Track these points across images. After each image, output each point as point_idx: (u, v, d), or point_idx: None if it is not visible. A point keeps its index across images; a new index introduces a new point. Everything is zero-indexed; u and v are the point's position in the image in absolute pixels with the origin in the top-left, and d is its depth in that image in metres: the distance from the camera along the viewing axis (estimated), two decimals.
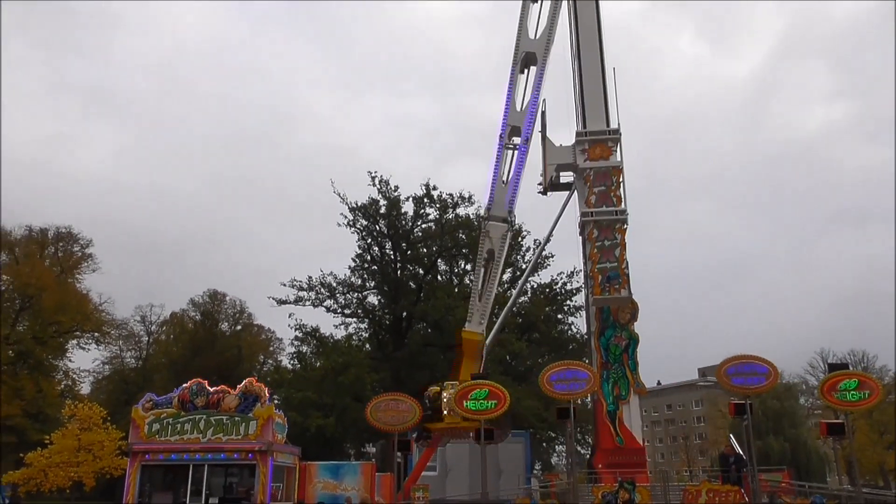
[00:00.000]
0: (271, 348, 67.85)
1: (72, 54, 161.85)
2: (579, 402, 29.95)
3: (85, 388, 57.84)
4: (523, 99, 31.20)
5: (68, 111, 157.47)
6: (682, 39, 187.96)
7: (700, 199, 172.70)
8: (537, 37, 31.73)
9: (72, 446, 30.96)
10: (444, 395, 26.22)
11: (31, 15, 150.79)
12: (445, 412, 25.93)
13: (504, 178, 30.29)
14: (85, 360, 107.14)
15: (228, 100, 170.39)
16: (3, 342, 46.81)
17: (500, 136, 30.52)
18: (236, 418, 21.30)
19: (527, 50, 31.48)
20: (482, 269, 29.70)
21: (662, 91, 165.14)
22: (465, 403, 23.02)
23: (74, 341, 54.30)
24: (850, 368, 27.24)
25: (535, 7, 32.40)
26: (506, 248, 30.39)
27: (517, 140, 30.38)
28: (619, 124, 31.10)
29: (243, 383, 22.35)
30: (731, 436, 33.92)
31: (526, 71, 31.74)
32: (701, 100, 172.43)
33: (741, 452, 26.79)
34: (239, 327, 66.06)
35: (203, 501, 20.19)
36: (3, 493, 49.64)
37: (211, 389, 22.06)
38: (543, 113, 32.10)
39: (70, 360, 54.69)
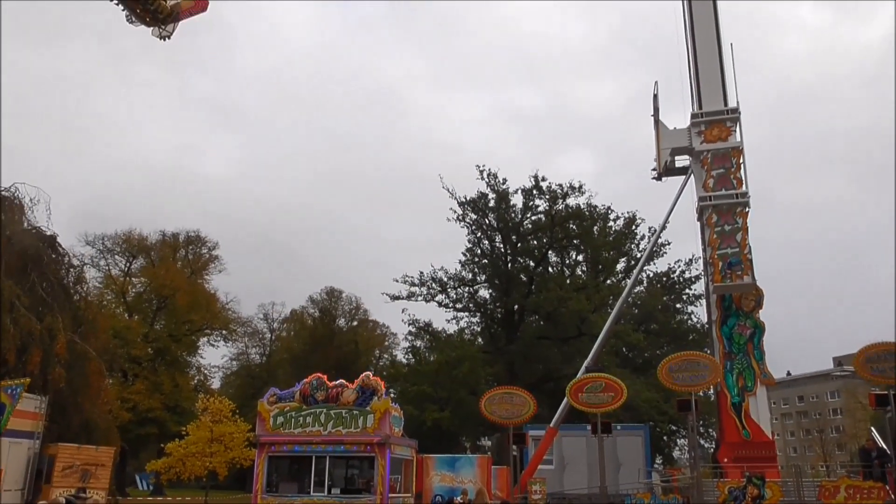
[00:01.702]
0: (386, 343, 69.58)
1: (191, 70, 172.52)
2: (701, 394, 28.71)
3: (215, 383, 61.66)
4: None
5: (193, 123, 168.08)
6: (803, 8, 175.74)
7: (832, 176, 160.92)
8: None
9: (205, 437, 32.78)
10: None
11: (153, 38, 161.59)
12: None
13: None
14: (214, 356, 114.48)
15: (335, 102, 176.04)
16: (143, 341, 50.53)
17: None
18: (354, 412, 21.89)
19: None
20: None
21: (785, 65, 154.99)
22: (580, 396, 22.62)
23: (205, 339, 57.78)
24: None
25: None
26: None
27: None
28: (737, 103, 29.44)
29: (360, 378, 22.91)
30: (873, 429, 31.40)
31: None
32: (829, 70, 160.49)
33: (885, 447, 24.75)
34: (355, 323, 68.11)
35: (326, 492, 20.92)
36: (147, 479, 53.92)
37: (330, 384, 22.76)
38: (656, 96, 30.93)
39: (201, 357, 58.33)
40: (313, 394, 22.66)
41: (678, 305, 47.76)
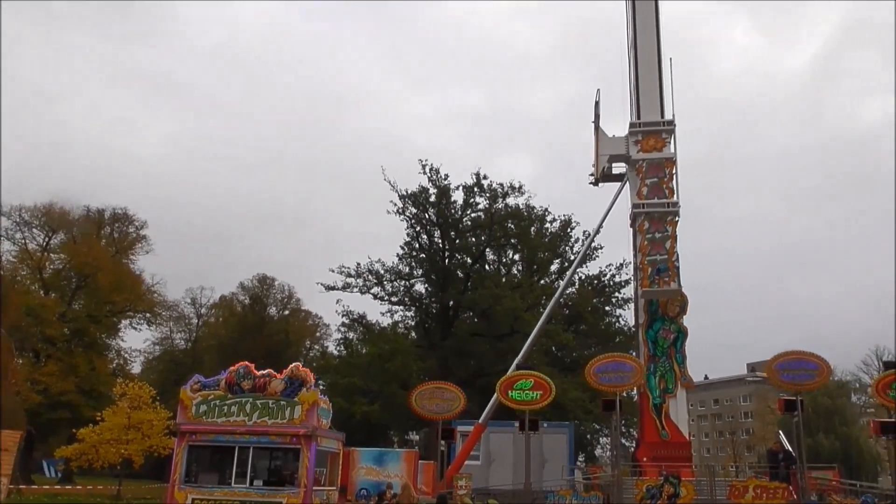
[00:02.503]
0: (318, 334, 68.82)
1: (130, 41, 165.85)
2: (625, 394, 29.50)
3: (136, 368, 59.62)
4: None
5: (127, 97, 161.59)
6: (737, 31, 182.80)
7: (755, 192, 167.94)
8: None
9: (122, 424, 31.64)
10: None
11: (89, 5, 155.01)
12: None
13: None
14: (136, 339, 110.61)
15: (282, 85, 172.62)
16: (59, 320, 48.33)
17: None
18: (281, 402, 21.43)
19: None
20: None
21: (718, 84, 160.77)
22: (509, 393, 22.89)
23: (127, 321, 55.77)
24: None
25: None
26: None
27: None
28: (673, 116, 30.33)
29: (289, 368, 22.45)
30: (780, 432, 33.01)
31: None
32: (757, 92, 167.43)
33: (790, 449, 26.07)
34: (287, 312, 67.08)
35: (248, 483, 20.47)
36: (54, 466, 51.56)
37: (257, 373, 22.23)
38: (597, 103, 31.53)
39: (122, 340, 56.32)
40: (239, 382, 22.06)
41: (607, 308, 48.97)
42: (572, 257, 48.10)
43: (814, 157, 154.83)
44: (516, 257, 50.69)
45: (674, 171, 29.38)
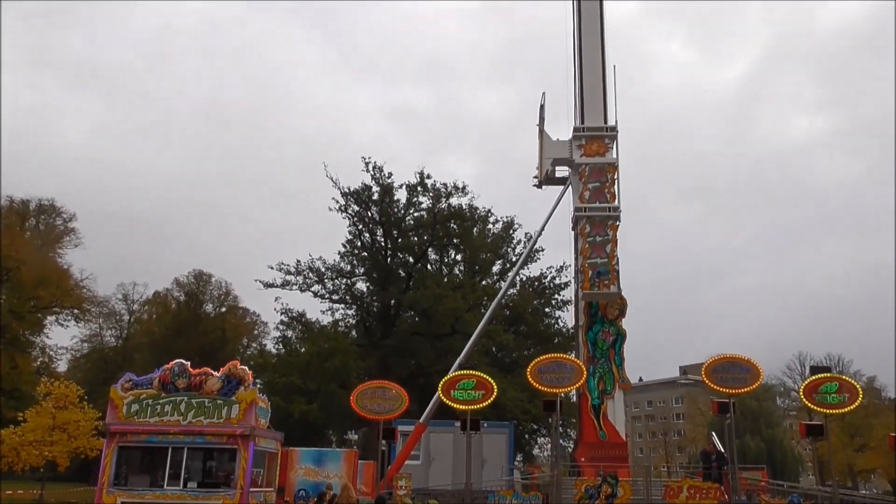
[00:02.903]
0: (256, 332, 67.46)
1: (55, 26, 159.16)
2: (563, 395, 29.93)
3: (62, 366, 57.22)
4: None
5: (51, 83, 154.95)
6: (674, 44, 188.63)
7: (688, 200, 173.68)
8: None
9: (46, 425, 30.31)
10: None
11: None
12: None
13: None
14: (63, 337, 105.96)
15: (217, 77, 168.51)
16: None
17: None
18: (218, 401, 20.87)
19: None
20: None
21: (655, 94, 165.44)
22: (452, 393, 22.87)
23: (53, 317, 53.48)
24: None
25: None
26: None
27: None
28: (616, 122, 30.91)
29: (226, 366, 21.90)
30: (713, 434, 34.07)
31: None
32: (691, 104, 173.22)
33: (722, 450, 26.90)
34: (223, 309, 65.54)
35: (181, 485, 19.83)
36: None
37: (193, 371, 21.60)
38: (542, 106, 31.84)
39: (48, 337, 54.00)
40: (174, 381, 21.38)
41: (547, 309, 49.55)
42: (514, 259, 48.59)
43: (743, 169, 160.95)
44: (458, 257, 50.86)
45: (615, 177, 29.94)
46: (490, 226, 49.46)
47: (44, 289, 49.98)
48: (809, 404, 23.09)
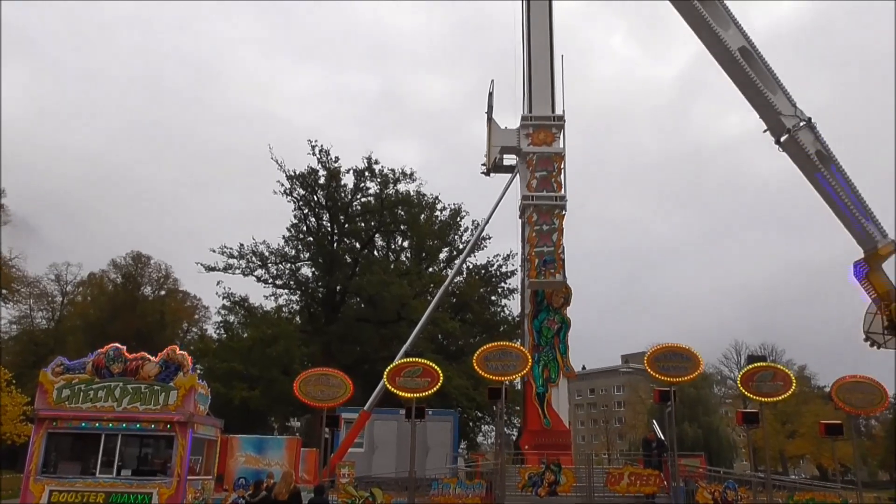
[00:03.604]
0: (196, 316, 65.90)
1: None
2: (509, 383, 30.12)
3: None
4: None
5: None
6: (615, 39, 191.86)
7: (626, 192, 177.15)
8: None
9: None
10: None
11: None
12: None
13: None
14: None
15: (155, 53, 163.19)
16: None
17: None
18: (155, 387, 20.20)
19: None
20: None
21: (595, 86, 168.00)
22: (397, 380, 22.71)
23: None
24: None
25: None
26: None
27: None
28: (563, 111, 31.02)
29: (165, 351, 21.22)
30: (654, 422, 34.84)
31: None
32: (630, 98, 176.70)
33: (663, 437, 27.52)
34: (163, 293, 63.78)
35: (115, 473, 19.15)
36: None
37: (129, 356, 20.86)
38: (491, 94, 31.77)
39: None
40: (108, 366, 20.59)
41: (493, 297, 49.75)
42: (461, 246, 48.57)
43: (681, 162, 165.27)
44: (405, 244, 50.58)
45: (562, 166, 30.10)
46: (437, 213, 49.31)
47: None
48: (747, 392, 23.84)
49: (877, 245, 26.36)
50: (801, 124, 27.82)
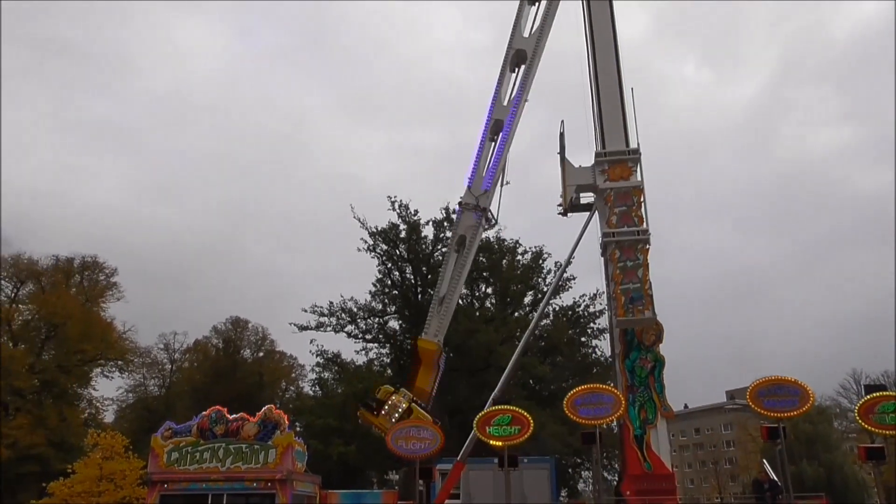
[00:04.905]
0: (293, 375, 67.82)
1: (81, 90, 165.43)
2: (605, 426, 29.31)
3: (108, 417, 58.24)
4: (510, 95, 31.30)
5: (81, 144, 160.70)
6: (688, 67, 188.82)
7: (715, 220, 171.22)
8: (530, 35, 31.76)
9: (94, 475, 30.85)
10: (394, 398, 26.34)
11: (39, 54, 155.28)
12: (383, 412, 26.07)
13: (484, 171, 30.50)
14: (109, 388, 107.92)
15: (239, 129, 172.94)
16: (29, 372, 47.13)
17: (484, 131, 30.67)
18: (255, 446, 21.07)
19: (518, 47, 31.55)
20: (449, 262, 29.56)
21: (672, 115, 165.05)
22: (487, 429, 22.61)
23: (99, 369, 54.72)
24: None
25: (532, 9, 32.60)
26: (476, 241, 30.37)
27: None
28: (638, 144, 30.71)
29: (262, 410, 22.14)
30: (765, 461, 32.89)
31: (517, 70, 31.94)
32: (710, 124, 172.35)
33: (776, 478, 25.91)
34: (261, 354, 66.16)
35: None
36: None
37: (230, 417, 21.87)
38: (562, 134, 31.82)
39: (94, 389, 55.19)
40: (212, 428, 21.67)
41: (583, 339, 48.84)
42: (545, 289, 48.18)
43: (767, 185, 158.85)
44: (489, 290, 50.62)
45: (642, 199, 29.61)
46: (519, 257, 49.31)
47: (89, 342, 51.27)
48: (866, 425, 22.06)
49: None
50: None
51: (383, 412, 26.01)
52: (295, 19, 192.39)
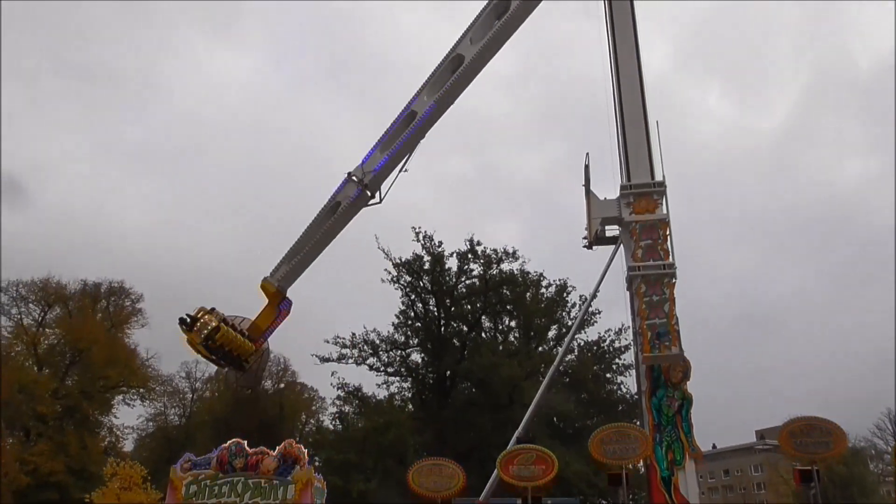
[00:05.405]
0: (314, 407, 67.31)
1: (110, 115, 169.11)
2: (631, 467, 28.51)
3: (128, 445, 58.03)
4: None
5: (114, 170, 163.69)
6: (711, 98, 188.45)
7: (739, 253, 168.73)
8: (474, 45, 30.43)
9: None
10: (206, 317, 24.36)
11: (73, 82, 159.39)
12: (196, 329, 23.98)
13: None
14: (129, 416, 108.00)
15: (264, 156, 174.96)
16: (52, 397, 47.35)
17: (398, 118, 28.74)
18: (274, 482, 20.80)
19: (459, 52, 30.37)
20: (317, 218, 28.31)
21: (696, 147, 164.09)
22: (511, 469, 22.08)
23: (120, 396, 54.75)
24: None
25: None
26: (350, 213, 28.47)
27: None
28: (663, 177, 30.34)
29: (282, 445, 21.88)
30: None
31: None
32: (734, 153, 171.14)
33: None
34: (282, 385, 65.84)
35: None
36: None
37: (250, 451, 21.63)
38: (587, 166, 31.59)
39: (115, 417, 55.09)
40: (231, 461, 21.44)
41: (608, 375, 48.08)
42: (569, 323, 47.60)
43: (793, 215, 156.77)
44: (513, 324, 50.17)
45: (668, 233, 29.15)
46: (543, 290, 48.88)
47: (112, 368, 51.42)
48: None
49: None
50: None
51: (196, 329, 24.36)
52: (324, 48, 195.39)
